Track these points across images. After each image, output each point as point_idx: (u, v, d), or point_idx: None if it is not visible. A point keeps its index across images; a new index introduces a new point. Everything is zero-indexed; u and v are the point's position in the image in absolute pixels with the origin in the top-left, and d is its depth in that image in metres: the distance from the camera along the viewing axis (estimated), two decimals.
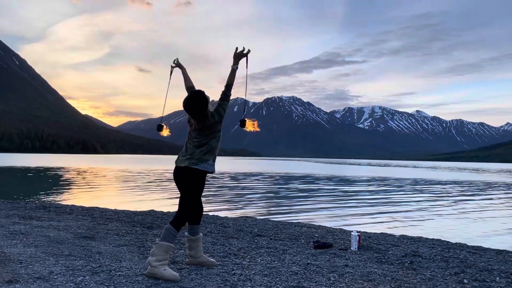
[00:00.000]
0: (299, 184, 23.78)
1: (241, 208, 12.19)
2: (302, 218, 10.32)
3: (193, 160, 3.63)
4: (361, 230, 7.02)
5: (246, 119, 3.74)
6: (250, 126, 3.91)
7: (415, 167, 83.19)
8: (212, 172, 3.72)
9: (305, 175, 36.00)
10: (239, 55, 3.77)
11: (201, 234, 4.01)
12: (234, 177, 28.89)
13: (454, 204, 14.95)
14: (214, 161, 3.74)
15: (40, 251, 4.22)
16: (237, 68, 3.76)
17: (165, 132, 4.32)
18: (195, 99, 3.64)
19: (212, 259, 4.06)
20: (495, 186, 25.78)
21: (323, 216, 10.89)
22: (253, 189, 19.64)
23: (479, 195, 19.17)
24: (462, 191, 21.47)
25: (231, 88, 3.76)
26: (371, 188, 22.19)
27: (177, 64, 4.24)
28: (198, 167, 3.63)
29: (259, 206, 13.06)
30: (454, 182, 29.24)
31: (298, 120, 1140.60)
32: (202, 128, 3.67)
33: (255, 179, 27.42)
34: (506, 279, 3.92)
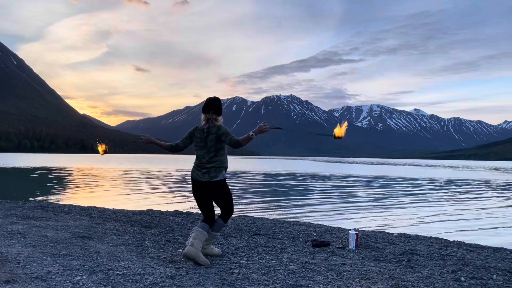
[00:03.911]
0: (297, 183, 23.79)
1: (239, 207, 12.19)
2: (300, 216, 10.33)
3: (212, 173, 4.15)
4: (359, 229, 7.04)
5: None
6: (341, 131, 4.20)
7: (413, 165, 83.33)
8: (214, 180, 4.17)
9: (304, 173, 36.02)
10: (261, 131, 4.04)
11: (213, 233, 4.32)
12: (232, 176, 28.88)
13: (452, 202, 14.98)
14: (226, 169, 4.27)
15: (38, 251, 4.21)
16: (253, 137, 4.05)
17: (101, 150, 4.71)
18: (217, 98, 4.34)
19: (205, 259, 4.07)
20: (490, 184, 25.83)
21: (321, 215, 10.91)
22: (251, 187, 19.65)
23: (475, 192, 19.22)
24: (458, 189, 21.51)
25: (240, 146, 4.10)
26: (369, 186, 22.22)
27: (145, 140, 4.49)
28: (218, 178, 4.16)
29: (257, 204, 13.06)
30: (450, 180, 29.29)
31: (297, 119, 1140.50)
32: (216, 141, 4.16)
33: (253, 178, 27.42)
34: (503, 277, 3.93)
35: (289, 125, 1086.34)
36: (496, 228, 9.51)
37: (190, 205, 12.05)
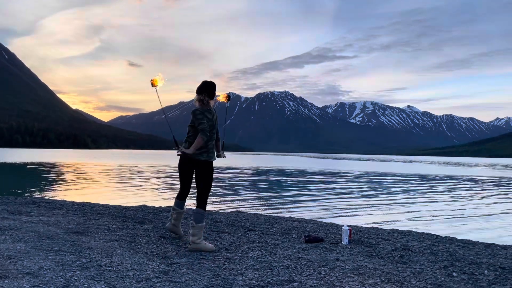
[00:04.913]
0: (291, 179, 23.84)
1: (233, 203, 12.20)
2: (293, 212, 10.36)
3: (210, 153, 4.39)
4: (352, 224, 7.07)
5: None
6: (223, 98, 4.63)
7: (405, 161, 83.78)
8: (214, 160, 4.49)
9: (298, 170, 36.09)
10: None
11: (185, 209, 4.86)
12: (226, 172, 28.86)
13: (443, 198, 15.09)
14: (213, 152, 4.51)
15: (29, 247, 4.18)
16: (222, 157, 4.68)
17: (159, 81, 4.69)
18: (213, 82, 4.52)
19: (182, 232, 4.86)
20: (479, 181, 26.05)
21: (314, 211, 10.94)
22: (245, 184, 19.65)
23: (466, 189, 19.37)
24: (449, 185, 21.67)
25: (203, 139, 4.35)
26: (361, 182, 22.31)
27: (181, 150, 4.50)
28: (212, 159, 4.42)
29: (250, 200, 13.07)
30: (441, 177, 29.50)
31: (291, 115, 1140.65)
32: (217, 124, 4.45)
33: (246, 174, 27.42)
34: (494, 272, 3.97)
35: (283, 121, 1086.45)
36: (486, 223, 9.60)
37: None
